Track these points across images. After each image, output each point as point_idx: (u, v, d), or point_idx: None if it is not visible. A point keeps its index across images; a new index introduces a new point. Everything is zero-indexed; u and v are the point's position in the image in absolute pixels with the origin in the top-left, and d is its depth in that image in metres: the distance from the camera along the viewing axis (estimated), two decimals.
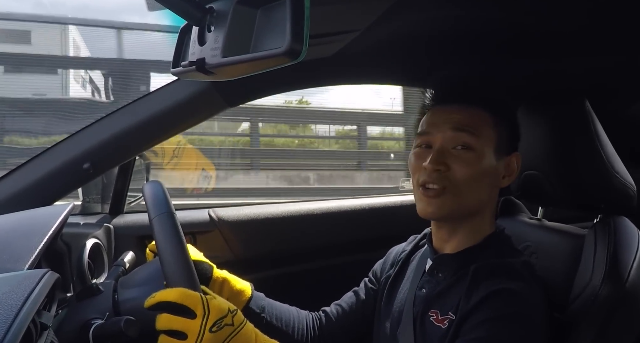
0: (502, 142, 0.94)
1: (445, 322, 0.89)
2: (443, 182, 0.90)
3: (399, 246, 1.15)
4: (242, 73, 0.71)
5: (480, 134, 0.91)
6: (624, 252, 0.92)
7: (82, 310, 0.85)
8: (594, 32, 1.03)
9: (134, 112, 1.21)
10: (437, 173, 0.90)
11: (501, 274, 0.87)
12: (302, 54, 0.58)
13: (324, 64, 1.15)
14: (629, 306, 0.90)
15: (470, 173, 0.90)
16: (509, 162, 0.96)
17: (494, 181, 0.94)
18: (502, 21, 1.02)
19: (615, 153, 1.00)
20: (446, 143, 0.92)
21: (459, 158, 0.90)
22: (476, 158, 0.90)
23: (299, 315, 1.10)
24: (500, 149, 0.94)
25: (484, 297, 0.84)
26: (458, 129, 0.91)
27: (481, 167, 0.91)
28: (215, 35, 0.68)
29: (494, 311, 0.83)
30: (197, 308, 0.73)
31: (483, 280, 0.87)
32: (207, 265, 1.01)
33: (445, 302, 0.91)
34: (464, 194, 0.91)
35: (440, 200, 0.91)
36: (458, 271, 0.93)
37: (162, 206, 0.84)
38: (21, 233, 0.87)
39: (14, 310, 0.61)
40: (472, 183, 0.90)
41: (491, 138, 0.92)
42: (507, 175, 0.96)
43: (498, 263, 0.90)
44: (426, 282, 0.98)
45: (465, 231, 0.95)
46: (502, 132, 0.94)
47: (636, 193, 0.99)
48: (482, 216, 0.96)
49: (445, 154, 0.91)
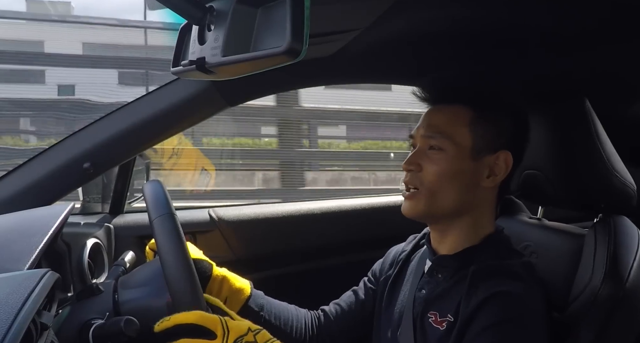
0: (482, 141, 0.92)
1: (443, 324, 0.89)
2: (416, 182, 0.93)
3: (398, 246, 1.15)
4: (242, 72, 0.71)
5: (451, 134, 0.92)
6: (624, 251, 0.92)
7: (82, 310, 0.85)
8: (594, 32, 1.03)
9: (134, 112, 1.21)
10: (411, 174, 0.94)
11: (500, 276, 0.87)
12: (302, 53, 0.58)
13: (324, 63, 1.15)
14: (629, 306, 0.90)
15: (439, 173, 0.91)
16: (494, 161, 0.93)
17: (472, 181, 0.93)
18: (503, 21, 1.02)
19: (616, 152, 1.00)
20: (422, 144, 0.94)
21: (430, 159, 0.93)
22: (446, 158, 0.91)
23: (298, 314, 1.11)
24: (480, 149, 0.92)
25: (483, 300, 0.84)
26: (430, 130, 0.94)
27: (452, 167, 0.91)
28: (215, 35, 0.68)
29: (496, 316, 0.82)
30: (217, 329, 0.74)
31: (482, 282, 0.87)
32: (207, 263, 1.02)
33: (445, 304, 0.91)
34: (436, 194, 0.92)
35: (413, 201, 0.94)
36: (457, 272, 0.93)
37: (162, 207, 0.84)
38: (21, 233, 0.87)
39: (14, 310, 0.61)
40: (443, 184, 0.92)
41: (465, 138, 0.92)
42: (493, 174, 0.94)
43: (497, 264, 0.90)
44: (426, 283, 0.98)
45: (458, 231, 0.95)
46: (483, 130, 0.92)
47: (636, 193, 0.99)
48: (474, 215, 0.95)
49: (421, 155, 0.94)
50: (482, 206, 0.96)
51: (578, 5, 0.93)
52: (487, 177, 0.94)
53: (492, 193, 0.96)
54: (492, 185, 0.95)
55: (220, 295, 1.00)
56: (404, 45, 1.14)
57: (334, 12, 0.90)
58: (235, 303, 1.02)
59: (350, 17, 0.95)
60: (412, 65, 1.25)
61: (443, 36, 1.08)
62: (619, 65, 1.16)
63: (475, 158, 0.92)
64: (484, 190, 0.95)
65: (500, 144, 0.94)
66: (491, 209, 0.98)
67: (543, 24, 1.01)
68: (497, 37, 1.07)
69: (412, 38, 1.10)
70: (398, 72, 1.31)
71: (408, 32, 1.07)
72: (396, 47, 1.14)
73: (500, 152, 0.94)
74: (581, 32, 1.03)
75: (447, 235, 0.96)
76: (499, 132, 0.94)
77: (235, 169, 4.98)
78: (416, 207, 0.93)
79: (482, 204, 0.96)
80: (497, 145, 0.94)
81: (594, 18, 0.97)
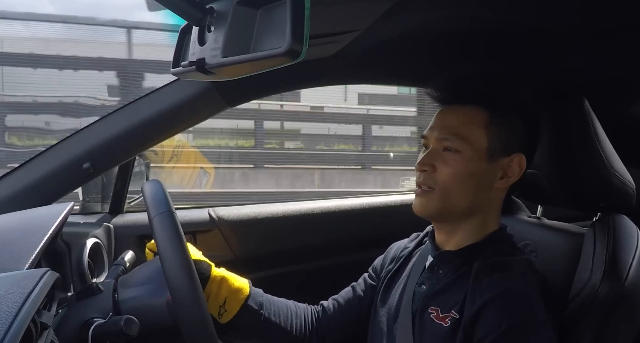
0: (497, 143, 0.92)
1: (447, 320, 0.89)
2: (430, 182, 0.93)
3: (400, 242, 1.15)
4: (242, 73, 0.71)
5: (467, 136, 0.92)
6: (623, 250, 0.92)
7: (82, 310, 0.85)
8: (594, 32, 1.03)
9: (134, 112, 1.21)
10: (425, 174, 0.94)
11: (504, 274, 0.87)
12: (302, 54, 0.58)
13: (324, 64, 1.15)
14: (628, 304, 0.90)
15: (454, 174, 0.91)
16: (508, 163, 0.94)
17: (486, 182, 0.93)
18: (503, 21, 1.02)
19: (615, 152, 1.00)
20: (436, 145, 0.94)
21: (445, 160, 0.92)
22: (461, 160, 0.91)
23: (297, 310, 1.11)
24: (495, 150, 0.92)
25: (489, 300, 0.84)
26: (444, 131, 0.93)
27: (467, 168, 0.91)
28: (215, 36, 0.68)
29: (504, 322, 0.83)
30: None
31: (486, 279, 0.87)
32: (206, 264, 1.02)
33: (447, 300, 0.91)
34: (450, 195, 0.92)
35: (426, 199, 0.94)
36: (459, 268, 0.93)
37: (162, 205, 0.84)
38: (21, 233, 0.87)
39: (14, 309, 0.61)
40: (457, 185, 0.92)
41: (481, 140, 0.92)
42: (506, 176, 0.94)
43: (500, 261, 0.90)
44: (426, 279, 0.98)
45: (467, 230, 0.95)
46: (498, 132, 0.92)
47: (635, 192, 1.00)
48: (484, 215, 0.95)
49: (435, 156, 0.93)
50: (492, 206, 0.96)
51: (577, 5, 0.93)
52: (500, 178, 0.94)
53: (502, 194, 0.97)
54: (504, 186, 0.95)
55: (219, 296, 1.00)
56: (405, 46, 1.14)
57: (334, 13, 0.90)
58: (235, 302, 1.02)
59: (351, 18, 0.95)
60: (412, 66, 1.25)
61: (443, 37, 1.08)
62: (618, 65, 1.16)
63: (490, 160, 0.93)
64: (495, 191, 0.95)
65: (515, 146, 0.94)
66: (499, 209, 0.98)
67: (543, 24, 1.01)
68: (498, 37, 1.07)
69: (413, 39, 1.10)
70: (398, 73, 1.32)
71: (408, 33, 1.07)
72: (396, 48, 1.14)
73: (515, 154, 0.94)
74: (581, 32, 1.03)
75: (454, 234, 0.96)
76: (514, 134, 0.94)
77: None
78: (429, 206, 0.94)
79: (491, 205, 0.96)
80: (512, 147, 0.94)
81: (594, 18, 0.98)
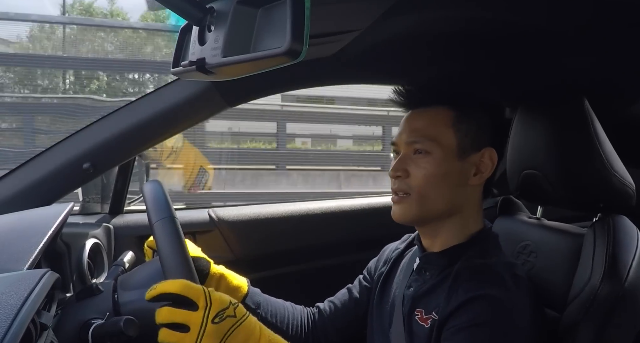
0: (466, 140, 0.93)
1: (428, 322, 0.90)
2: (405, 187, 0.93)
3: (393, 244, 1.15)
4: (243, 73, 0.71)
5: (436, 136, 0.92)
6: (623, 251, 0.92)
7: (81, 310, 0.85)
8: (593, 32, 1.03)
9: (134, 112, 1.21)
10: (399, 180, 0.94)
11: (482, 278, 0.87)
12: (302, 54, 0.58)
13: (324, 63, 1.15)
14: (628, 305, 0.90)
15: (427, 177, 0.92)
16: (480, 159, 0.94)
17: (460, 180, 0.94)
18: (503, 21, 1.02)
19: (614, 152, 1.00)
20: (407, 150, 0.95)
21: (417, 163, 0.93)
22: (433, 161, 0.92)
23: (294, 311, 1.11)
24: (465, 148, 0.93)
25: (463, 302, 0.84)
26: (413, 134, 0.94)
27: (439, 169, 0.92)
28: (215, 35, 0.68)
29: (473, 317, 0.82)
30: (199, 300, 0.74)
31: (464, 283, 0.87)
32: (205, 261, 1.02)
33: (430, 301, 0.92)
34: (426, 198, 0.92)
35: (403, 206, 0.94)
36: (444, 270, 0.93)
37: (163, 210, 0.84)
38: (21, 233, 0.87)
39: (13, 310, 0.61)
40: (432, 186, 0.92)
41: (450, 138, 0.92)
42: (479, 172, 0.95)
43: (480, 265, 0.90)
44: (414, 281, 0.98)
45: (449, 230, 0.96)
46: (466, 129, 0.93)
47: (635, 192, 0.99)
48: (463, 214, 0.95)
49: (407, 161, 0.94)
50: (470, 204, 0.96)
51: (577, 5, 0.93)
52: (474, 175, 0.95)
53: (478, 191, 0.98)
54: (479, 182, 0.96)
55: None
56: (405, 46, 1.14)
57: (334, 13, 0.90)
58: None
59: (351, 18, 0.95)
60: (412, 66, 1.25)
61: (443, 37, 1.08)
62: (618, 65, 1.16)
63: (461, 157, 0.93)
64: (471, 188, 0.96)
65: (484, 141, 0.95)
66: (478, 207, 0.98)
67: (542, 24, 1.01)
68: (498, 37, 1.07)
69: (413, 39, 1.10)
70: (399, 73, 1.32)
71: (409, 33, 1.06)
72: (397, 48, 1.14)
73: (485, 149, 0.95)
74: (580, 32, 1.03)
75: (437, 236, 0.97)
76: (481, 129, 0.95)
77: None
78: (408, 212, 0.94)
79: (469, 203, 0.96)
80: (481, 142, 0.95)
81: (593, 17, 0.98)
